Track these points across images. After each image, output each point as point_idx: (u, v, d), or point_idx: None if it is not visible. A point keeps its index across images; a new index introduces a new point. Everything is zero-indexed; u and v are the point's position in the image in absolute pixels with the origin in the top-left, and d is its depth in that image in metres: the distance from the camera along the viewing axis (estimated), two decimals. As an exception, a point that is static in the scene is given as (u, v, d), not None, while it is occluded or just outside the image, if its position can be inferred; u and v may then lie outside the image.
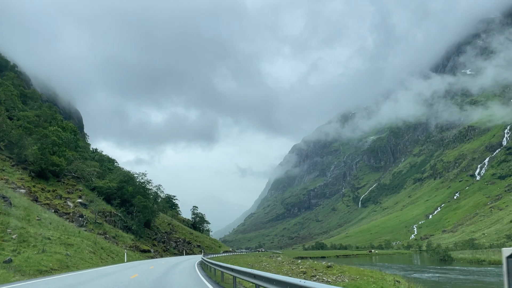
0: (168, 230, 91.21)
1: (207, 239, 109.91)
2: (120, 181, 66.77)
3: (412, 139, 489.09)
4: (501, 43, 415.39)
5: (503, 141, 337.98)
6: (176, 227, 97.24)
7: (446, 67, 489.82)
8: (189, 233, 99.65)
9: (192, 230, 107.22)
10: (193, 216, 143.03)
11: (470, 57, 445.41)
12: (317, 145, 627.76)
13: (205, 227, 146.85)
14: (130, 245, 52.54)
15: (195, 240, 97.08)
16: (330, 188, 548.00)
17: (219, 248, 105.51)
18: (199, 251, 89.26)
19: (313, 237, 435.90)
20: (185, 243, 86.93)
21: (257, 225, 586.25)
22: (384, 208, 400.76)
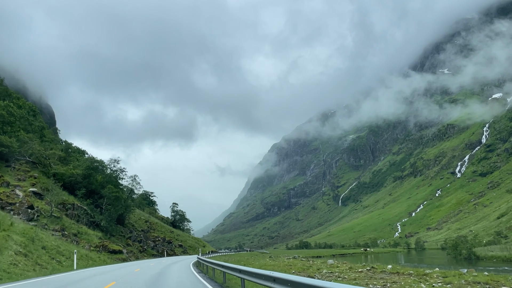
0: (145, 228, 79.12)
1: (189, 238, 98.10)
2: (87, 168, 54.62)
3: (391, 137, 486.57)
4: (480, 40, 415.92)
5: (482, 138, 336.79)
6: (154, 225, 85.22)
7: (425, 66, 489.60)
8: (169, 231, 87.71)
9: (172, 229, 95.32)
10: (172, 214, 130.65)
11: (449, 56, 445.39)
12: (297, 144, 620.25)
13: (186, 225, 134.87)
14: (96, 244, 40.79)
15: (176, 239, 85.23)
16: (310, 187, 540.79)
17: (203, 248, 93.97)
18: (181, 251, 77.60)
19: (294, 236, 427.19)
20: (165, 243, 75.04)
21: (237, 224, 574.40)
22: (364, 206, 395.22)
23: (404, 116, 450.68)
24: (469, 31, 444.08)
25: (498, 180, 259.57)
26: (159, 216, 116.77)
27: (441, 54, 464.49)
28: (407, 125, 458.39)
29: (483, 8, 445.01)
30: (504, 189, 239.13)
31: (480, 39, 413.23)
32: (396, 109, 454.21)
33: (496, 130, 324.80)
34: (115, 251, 40.36)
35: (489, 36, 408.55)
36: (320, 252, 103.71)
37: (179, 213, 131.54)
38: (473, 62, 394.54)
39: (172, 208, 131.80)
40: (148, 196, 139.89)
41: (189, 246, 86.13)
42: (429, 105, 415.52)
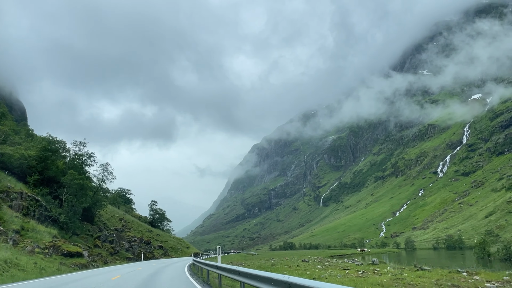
0: (119, 227, 67.19)
1: (170, 238, 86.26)
2: (42, 150, 42.66)
3: (371, 138, 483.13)
4: (462, 40, 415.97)
5: (463, 138, 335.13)
6: (130, 224, 73.32)
7: (407, 66, 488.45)
8: (147, 231, 75.87)
9: (151, 228, 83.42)
10: (151, 213, 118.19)
11: (431, 56, 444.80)
12: (277, 145, 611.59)
13: (166, 225, 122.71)
14: (46, 245, 29.24)
15: (156, 239, 73.50)
16: (290, 188, 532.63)
17: (187, 249, 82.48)
18: (161, 253, 65.95)
19: (275, 237, 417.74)
20: (143, 244, 63.31)
21: (217, 226, 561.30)
22: (346, 206, 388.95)
23: (385, 116, 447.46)
24: (451, 30, 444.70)
25: (482, 179, 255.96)
26: (136, 214, 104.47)
27: (422, 55, 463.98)
28: (388, 125, 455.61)
29: (462, 9, 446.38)
30: (488, 188, 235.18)
31: (461, 38, 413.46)
32: (377, 109, 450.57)
33: (477, 130, 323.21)
34: (72, 254, 28.67)
35: (470, 35, 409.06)
36: (313, 253, 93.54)
37: (158, 211, 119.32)
38: (455, 62, 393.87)
39: (150, 207, 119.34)
40: (125, 194, 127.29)
41: (171, 247, 74.56)
42: (410, 105, 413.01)
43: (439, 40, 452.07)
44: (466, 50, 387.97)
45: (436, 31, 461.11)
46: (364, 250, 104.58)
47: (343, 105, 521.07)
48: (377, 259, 42.10)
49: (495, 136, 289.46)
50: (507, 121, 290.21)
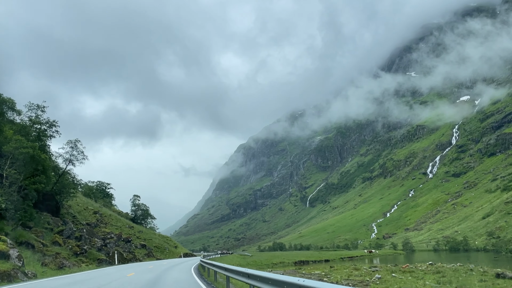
0: (92, 221, 54.32)
1: (156, 236, 73.43)
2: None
3: (359, 139, 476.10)
4: (453, 40, 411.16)
5: (452, 140, 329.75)
6: (107, 218, 60.47)
7: (396, 67, 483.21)
8: (128, 226, 63.01)
9: (132, 223, 70.52)
10: (133, 208, 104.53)
11: (420, 56, 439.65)
12: (264, 145, 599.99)
13: (150, 222, 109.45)
14: None
15: (138, 237, 60.80)
16: (277, 188, 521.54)
17: (175, 249, 69.99)
18: (144, 254, 53.30)
19: (261, 238, 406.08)
20: (121, 242, 50.70)
21: (201, 226, 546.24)
22: (334, 207, 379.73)
23: (374, 117, 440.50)
24: (442, 30, 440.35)
25: (474, 180, 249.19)
26: (116, 210, 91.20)
27: (412, 55, 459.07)
28: (375, 126, 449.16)
29: (453, 10, 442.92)
30: (482, 189, 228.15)
31: (452, 38, 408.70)
32: (366, 109, 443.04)
33: (467, 131, 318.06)
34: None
35: (461, 35, 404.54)
36: (326, 255, 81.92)
37: (141, 207, 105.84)
38: (445, 62, 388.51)
39: (132, 202, 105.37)
40: (104, 188, 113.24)
41: (156, 246, 61.98)
42: (399, 106, 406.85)
43: (429, 40, 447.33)
44: (457, 50, 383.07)
45: (426, 32, 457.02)
46: (372, 252, 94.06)
47: (331, 105, 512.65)
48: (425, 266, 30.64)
49: (486, 137, 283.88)
50: (498, 122, 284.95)
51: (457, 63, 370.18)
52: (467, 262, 61.18)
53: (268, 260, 57.28)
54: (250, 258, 63.79)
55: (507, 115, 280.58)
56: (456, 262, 76.85)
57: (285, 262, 60.05)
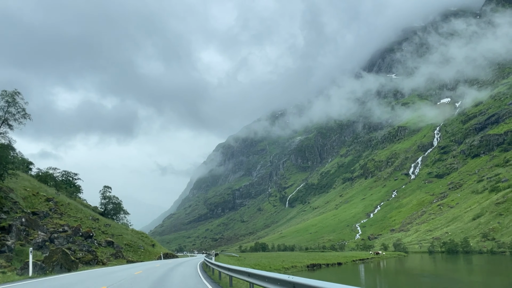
0: (42, 210, 40.00)
1: (128, 231, 59.04)
2: None
3: (339, 140, 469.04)
4: (437, 40, 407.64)
5: (434, 141, 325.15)
6: (63, 207, 46.14)
7: (376, 68, 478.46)
8: (91, 218, 48.66)
9: (98, 215, 56.07)
10: (103, 201, 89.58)
11: (403, 57, 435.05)
12: (243, 144, 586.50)
13: (123, 218, 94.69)
14: None
15: (104, 231, 46.66)
16: (256, 188, 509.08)
17: (152, 248, 56.12)
18: (110, 254, 39.33)
19: (239, 238, 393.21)
20: (78, 237, 36.70)
21: (177, 226, 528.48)
22: (314, 207, 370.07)
23: (355, 117, 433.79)
24: (425, 31, 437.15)
25: (459, 181, 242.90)
26: (81, 202, 76.30)
27: (395, 56, 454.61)
28: (356, 127, 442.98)
29: (434, 12, 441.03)
30: (468, 190, 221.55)
31: (436, 39, 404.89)
32: (348, 110, 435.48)
33: (449, 132, 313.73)
34: None
35: (445, 36, 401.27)
36: (336, 256, 69.55)
37: (112, 200, 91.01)
38: (428, 63, 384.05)
39: (102, 194, 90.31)
40: (70, 179, 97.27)
41: (127, 244, 48.07)
42: (380, 106, 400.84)
43: (413, 40, 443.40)
44: (440, 50, 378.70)
45: (408, 34, 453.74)
46: (379, 253, 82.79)
47: (313, 104, 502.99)
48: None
49: (469, 139, 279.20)
50: (481, 123, 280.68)
51: (441, 63, 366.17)
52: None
53: (277, 264, 44.94)
54: (245, 260, 51.00)
55: (490, 117, 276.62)
56: (487, 266, 65.98)
57: (297, 266, 47.63)
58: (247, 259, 52.49)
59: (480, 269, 60.55)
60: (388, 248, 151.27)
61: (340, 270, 53.08)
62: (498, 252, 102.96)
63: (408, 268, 65.81)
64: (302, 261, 54.91)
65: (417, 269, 61.38)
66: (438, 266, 71.53)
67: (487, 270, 57.26)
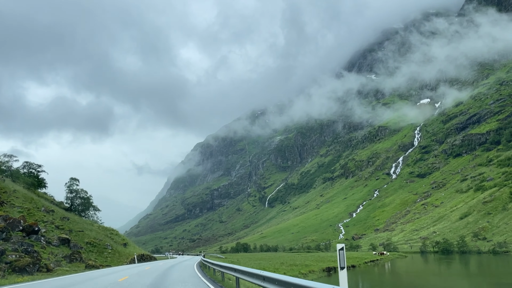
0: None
1: (93, 227, 47.80)
2: None
3: (319, 140, 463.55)
4: (418, 40, 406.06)
5: (414, 141, 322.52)
6: (6, 195, 34.91)
7: (357, 68, 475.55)
8: (44, 210, 37.44)
9: (53, 206, 44.73)
10: (69, 196, 77.48)
11: (383, 57, 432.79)
12: (222, 144, 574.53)
13: (92, 215, 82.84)
14: None
15: (59, 226, 35.60)
16: (235, 188, 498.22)
17: (124, 248, 45.30)
18: (65, 255, 28.56)
19: (217, 239, 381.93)
20: (17, 232, 25.78)
21: (154, 227, 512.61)
22: (294, 207, 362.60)
23: (336, 117, 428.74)
24: (407, 29, 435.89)
25: (442, 180, 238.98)
26: (42, 194, 64.44)
27: (376, 56, 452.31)
28: (336, 127, 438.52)
29: (415, 12, 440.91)
30: (452, 189, 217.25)
31: (417, 38, 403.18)
32: (328, 109, 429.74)
33: (430, 132, 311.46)
34: None
35: (427, 35, 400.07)
36: (350, 257, 60.15)
37: (80, 194, 79.05)
38: (409, 63, 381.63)
39: (68, 187, 77.95)
40: (33, 171, 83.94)
41: (90, 243, 37.17)
42: (361, 106, 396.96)
43: (395, 39, 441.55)
44: (422, 50, 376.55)
45: (388, 35, 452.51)
46: (384, 253, 74.45)
47: (293, 103, 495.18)
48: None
49: (451, 138, 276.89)
50: (462, 123, 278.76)
51: (422, 63, 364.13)
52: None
53: (286, 268, 35.33)
54: (240, 264, 41.14)
55: (471, 117, 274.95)
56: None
57: (315, 271, 38.18)
58: (241, 263, 42.58)
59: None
60: (377, 249, 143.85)
61: (363, 273, 44.37)
62: (501, 252, 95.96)
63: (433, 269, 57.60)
64: (311, 263, 45.57)
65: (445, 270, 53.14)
66: (460, 267, 63.32)
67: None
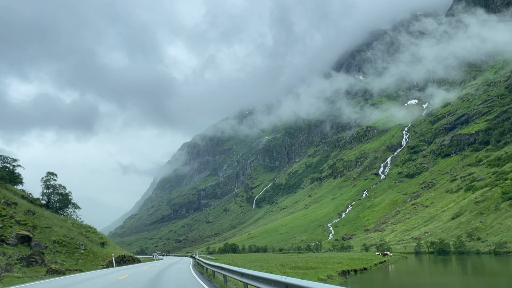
0: None
1: (66, 224, 41.16)
2: None
3: (307, 140, 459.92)
4: (407, 40, 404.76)
5: (402, 141, 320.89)
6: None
7: (345, 68, 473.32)
8: (4, 202, 31.13)
9: (15, 198, 38.15)
10: (46, 192, 70.61)
11: (373, 57, 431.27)
12: (209, 143, 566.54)
13: (72, 213, 76.06)
14: None
15: (21, 221, 29.26)
16: (222, 188, 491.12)
17: (101, 248, 38.83)
18: (21, 257, 22.55)
19: (204, 239, 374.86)
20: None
21: (139, 227, 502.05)
22: (282, 208, 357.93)
23: (324, 117, 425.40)
24: (396, 29, 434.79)
25: (432, 180, 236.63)
26: (20, 192, 57.74)
27: (364, 56, 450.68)
28: (324, 128, 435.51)
29: (400, 15, 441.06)
30: (441, 189, 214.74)
31: (406, 38, 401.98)
32: (317, 109, 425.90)
33: (418, 133, 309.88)
34: None
35: (415, 35, 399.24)
36: (358, 262, 54.73)
37: (58, 190, 72.18)
38: (398, 63, 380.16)
39: (45, 182, 71.03)
40: (7, 165, 76.47)
41: (58, 241, 30.88)
42: (350, 106, 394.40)
43: (383, 39, 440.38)
44: (411, 50, 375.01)
45: (378, 33, 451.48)
46: (388, 254, 69.74)
47: (282, 103, 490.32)
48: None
49: (439, 139, 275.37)
50: (451, 123, 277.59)
51: (411, 63, 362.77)
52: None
53: (305, 274, 29.89)
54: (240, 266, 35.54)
55: (459, 117, 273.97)
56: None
57: (333, 276, 32.66)
58: (239, 265, 36.92)
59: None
60: (370, 249, 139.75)
61: (383, 274, 39.43)
62: (502, 252, 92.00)
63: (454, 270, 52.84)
64: (316, 265, 40.15)
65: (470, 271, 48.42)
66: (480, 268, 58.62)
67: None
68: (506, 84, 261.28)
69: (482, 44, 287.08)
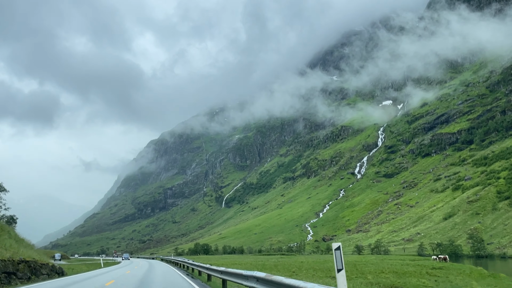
0: None
1: None
2: None
3: (279, 139, 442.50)
4: (387, 38, 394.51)
5: (378, 141, 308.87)
6: None
7: (320, 66, 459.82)
8: None
9: None
10: None
11: (350, 54, 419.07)
12: (178, 141, 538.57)
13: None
14: None
15: None
16: (190, 187, 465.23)
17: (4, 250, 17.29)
18: None
19: (170, 240, 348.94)
20: None
21: (101, 227, 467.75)
22: (253, 207, 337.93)
23: (298, 115, 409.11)
24: (375, 25, 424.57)
25: (413, 180, 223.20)
26: None
27: (342, 52, 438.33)
28: (297, 127, 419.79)
29: (374, 16, 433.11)
30: (425, 189, 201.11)
31: (385, 36, 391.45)
32: (291, 106, 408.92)
33: (394, 132, 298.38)
34: None
35: (394, 32, 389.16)
36: (359, 264, 34.53)
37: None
38: (375, 62, 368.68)
39: None
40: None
41: None
42: (325, 105, 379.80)
43: (361, 36, 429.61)
44: (389, 47, 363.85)
45: (354, 33, 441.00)
46: (446, 259, 51.53)
47: (255, 100, 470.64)
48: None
49: (418, 138, 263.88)
50: (430, 123, 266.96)
51: (389, 61, 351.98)
52: None
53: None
54: None
55: (439, 117, 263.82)
56: None
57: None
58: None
59: None
60: (363, 251, 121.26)
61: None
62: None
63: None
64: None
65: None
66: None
67: None
68: (486, 84, 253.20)
69: (464, 42, 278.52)
